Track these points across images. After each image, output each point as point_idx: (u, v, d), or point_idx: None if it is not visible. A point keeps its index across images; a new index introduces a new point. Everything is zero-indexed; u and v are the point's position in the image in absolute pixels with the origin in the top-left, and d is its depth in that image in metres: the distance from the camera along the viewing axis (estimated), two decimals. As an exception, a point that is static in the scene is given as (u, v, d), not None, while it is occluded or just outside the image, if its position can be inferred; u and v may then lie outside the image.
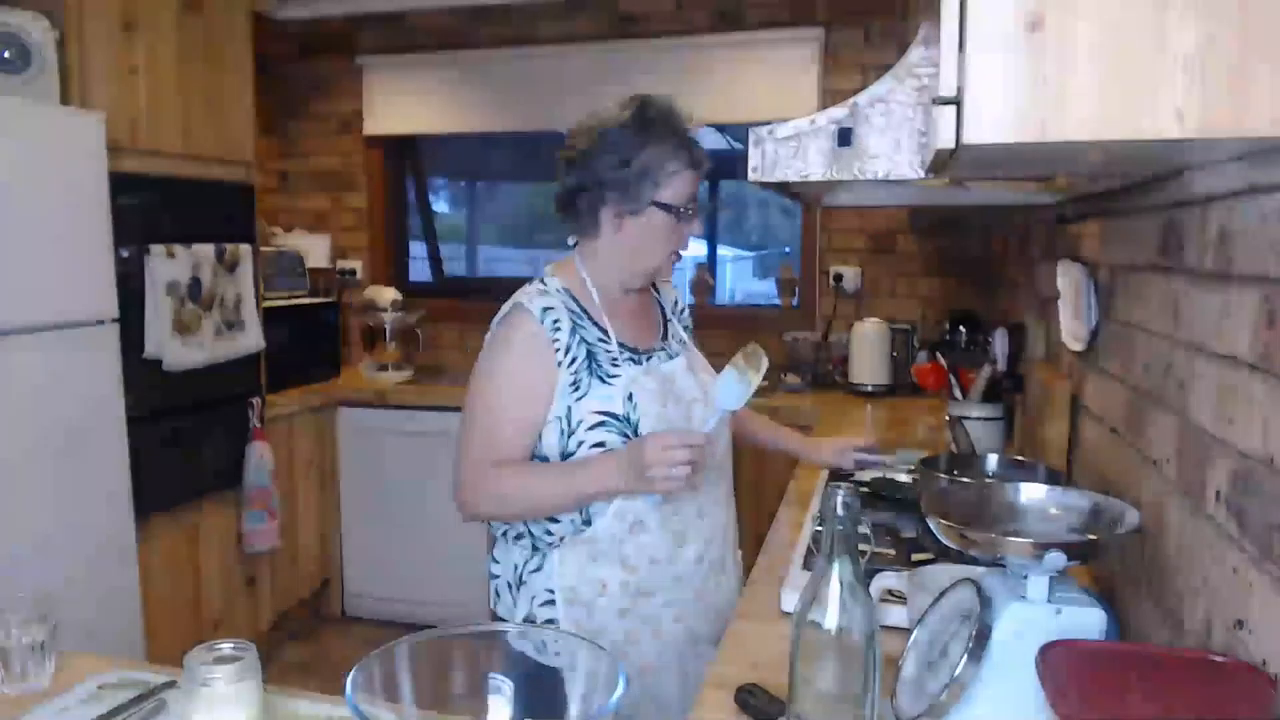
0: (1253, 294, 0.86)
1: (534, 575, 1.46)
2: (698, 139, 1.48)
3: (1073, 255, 1.73)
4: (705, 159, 1.48)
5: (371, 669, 0.86)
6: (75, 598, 2.19)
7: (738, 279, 7.44)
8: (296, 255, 3.64)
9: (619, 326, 1.51)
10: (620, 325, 1.52)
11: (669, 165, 1.44)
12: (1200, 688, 0.80)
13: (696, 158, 1.47)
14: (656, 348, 1.55)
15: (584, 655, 0.89)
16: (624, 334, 1.51)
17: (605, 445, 1.40)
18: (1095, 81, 0.69)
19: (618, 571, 1.42)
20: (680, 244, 1.51)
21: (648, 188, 1.44)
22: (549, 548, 1.45)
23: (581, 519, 1.43)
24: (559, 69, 3.69)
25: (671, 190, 1.45)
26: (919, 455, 1.83)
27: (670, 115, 1.47)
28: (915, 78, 1.09)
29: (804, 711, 0.87)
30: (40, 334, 2.23)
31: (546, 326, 1.43)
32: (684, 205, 1.47)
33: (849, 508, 0.85)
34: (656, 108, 1.47)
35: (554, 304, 1.45)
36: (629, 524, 1.42)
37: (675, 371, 1.54)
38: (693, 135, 1.47)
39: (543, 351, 1.42)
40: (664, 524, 1.43)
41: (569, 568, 1.43)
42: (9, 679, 1.11)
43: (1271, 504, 0.80)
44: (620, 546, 1.42)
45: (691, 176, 1.47)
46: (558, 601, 1.43)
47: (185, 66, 2.79)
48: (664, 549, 1.44)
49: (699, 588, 1.48)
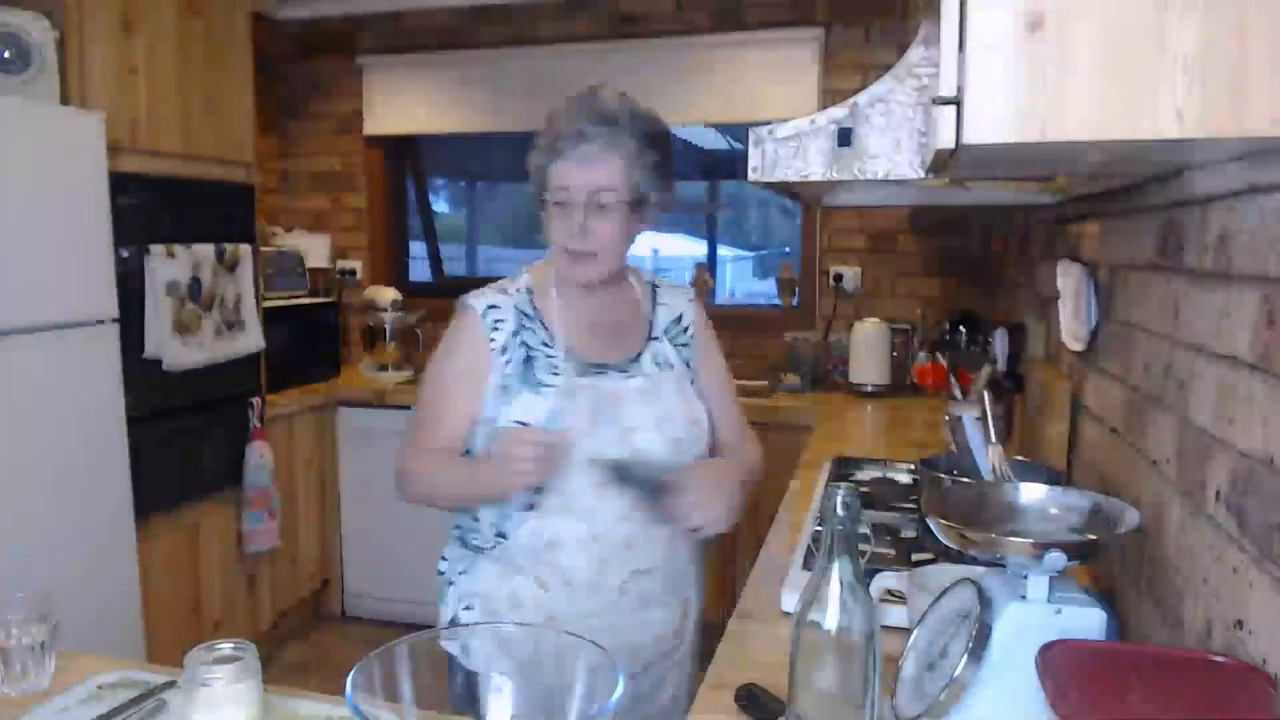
0: (1253, 294, 0.86)
1: (461, 577, 1.48)
2: (593, 127, 1.35)
3: (1073, 255, 1.73)
4: (583, 146, 1.35)
5: (371, 669, 0.86)
6: (75, 598, 2.19)
7: (738, 279, 7.44)
8: (296, 255, 3.64)
9: (575, 334, 1.44)
10: (577, 333, 1.44)
11: (550, 156, 1.38)
12: (1200, 688, 0.80)
13: (560, 148, 1.36)
14: (615, 364, 1.44)
15: (584, 655, 0.89)
16: (578, 342, 1.44)
17: None
18: (1095, 81, 0.69)
19: (532, 588, 1.40)
20: (568, 239, 1.38)
21: (539, 180, 1.41)
22: (476, 552, 1.45)
23: (495, 531, 1.42)
24: (559, 69, 3.69)
25: (553, 181, 1.38)
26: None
27: (568, 106, 1.39)
28: (915, 78, 1.09)
29: (804, 711, 0.87)
30: (40, 334, 2.23)
31: (487, 325, 1.42)
32: (561, 196, 1.37)
33: (849, 508, 0.85)
34: (565, 99, 1.42)
35: (502, 303, 1.44)
36: (544, 541, 1.39)
37: (625, 393, 1.41)
38: (584, 124, 1.35)
39: (477, 348, 1.42)
40: (581, 547, 1.38)
41: (489, 577, 1.43)
42: (9, 679, 1.11)
43: (1271, 504, 0.80)
44: (536, 563, 1.39)
45: (566, 167, 1.36)
46: (475, 607, 1.43)
47: (185, 66, 2.79)
48: (582, 572, 1.38)
49: (617, 621, 1.38)
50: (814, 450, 2.44)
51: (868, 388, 3.33)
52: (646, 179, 1.38)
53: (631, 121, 1.37)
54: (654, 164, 1.39)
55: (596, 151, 1.35)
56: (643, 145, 1.37)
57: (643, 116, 1.40)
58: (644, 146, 1.37)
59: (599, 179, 1.35)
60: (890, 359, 3.35)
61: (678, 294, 1.55)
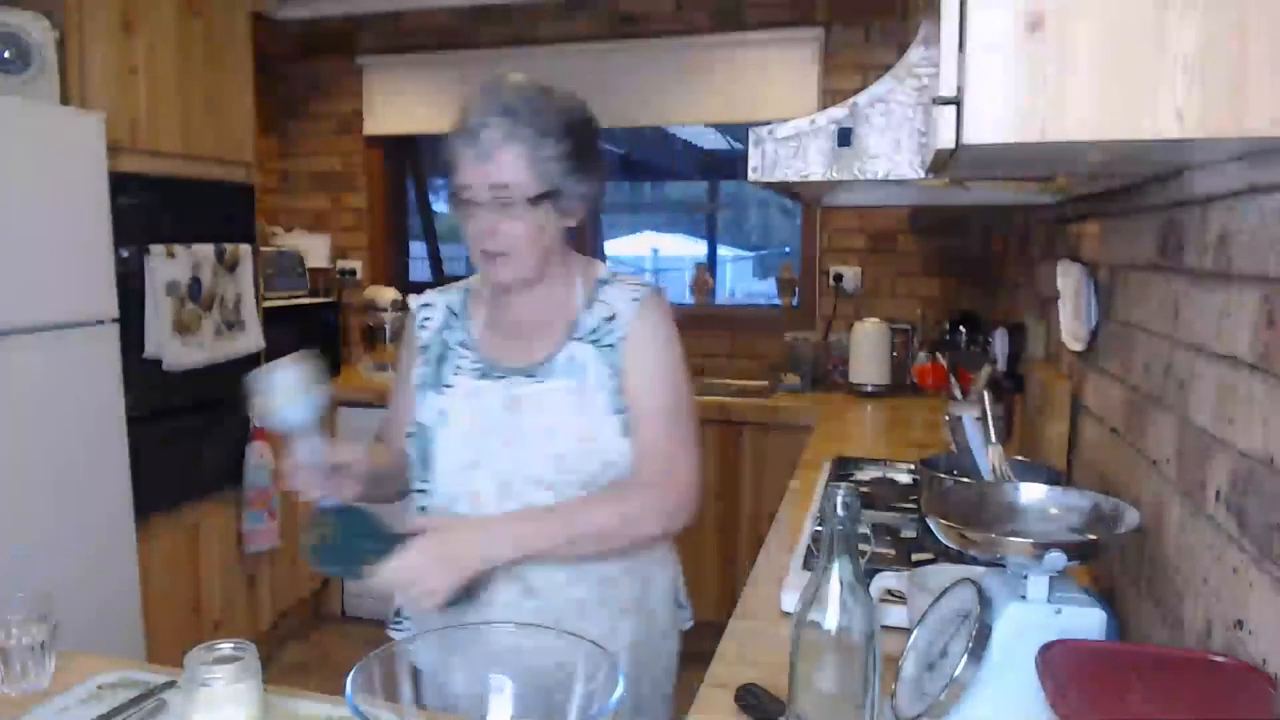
0: (1253, 294, 0.86)
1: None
2: (488, 119, 1.24)
3: (1073, 255, 1.73)
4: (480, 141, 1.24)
5: (371, 669, 0.86)
6: (75, 598, 2.19)
7: (738, 279, 7.45)
8: (296, 255, 3.64)
9: (492, 334, 1.38)
10: (494, 333, 1.38)
11: (452, 153, 1.28)
12: (1200, 688, 0.80)
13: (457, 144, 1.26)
14: (524, 367, 1.32)
15: (584, 655, 0.89)
16: (492, 343, 1.37)
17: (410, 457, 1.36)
18: (1095, 81, 0.69)
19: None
20: (475, 240, 1.28)
21: (450, 179, 1.31)
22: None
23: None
24: (559, 69, 3.69)
25: (456, 180, 1.28)
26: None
27: (470, 98, 1.28)
28: (915, 78, 1.09)
29: (804, 711, 0.87)
30: (40, 334, 2.23)
31: (417, 322, 1.42)
32: (465, 195, 1.27)
33: (849, 508, 0.85)
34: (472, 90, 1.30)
35: (436, 301, 1.43)
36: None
37: (524, 397, 1.30)
38: (480, 117, 1.24)
39: (411, 347, 1.43)
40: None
41: None
42: (9, 679, 1.11)
43: (1271, 504, 0.80)
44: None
45: (465, 164, 1.26)
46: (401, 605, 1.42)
47: (185, 66, 2.79)
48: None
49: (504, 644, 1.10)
50: (814, 450, 2.44)
51: (868, 388, 3.33)
52: (557, 171, 1.26)
53: (531, 110, 1.24)
54: (565, 154, 1.26)
55: (494, 146, 1.23)
56: (547, 135, 1.25)
57: (547, 104, 1.27)
58: (549, 136, 1.25)
59: (498, 175, 1.24)
60: (890, 359, 3.35)
61: (623, 291, 1.35)
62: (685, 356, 1.37)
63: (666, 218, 7.68)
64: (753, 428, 3.15)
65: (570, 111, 1.30)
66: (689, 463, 1.31)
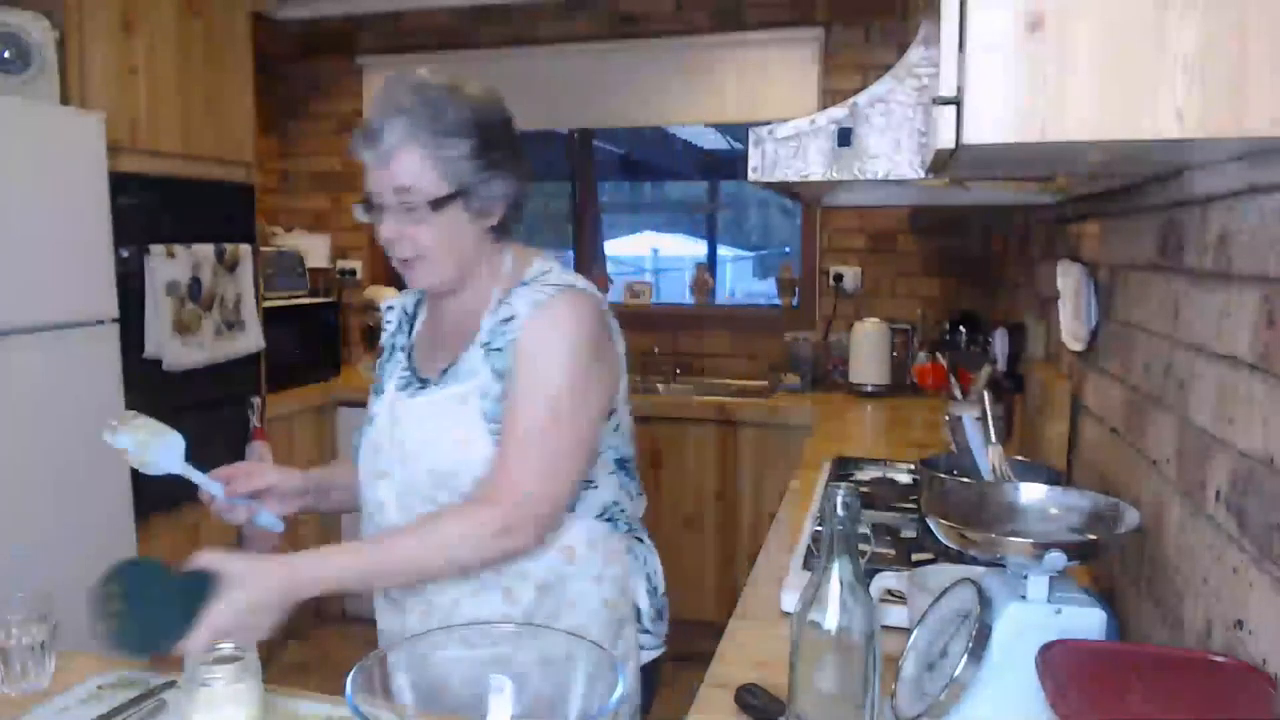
0: (1253, 294, 0.86)
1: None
2: (384, 121, 1.18)
3: (1073, 255, 1.73)
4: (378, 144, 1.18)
5: (371, 669, 0.86)
6: (75, 598, 2.19)
7: (738, 279, 7.46)
8: (296, 255, 3.64)
9: (425, 341, 1.35)
10: (426, 341, 1.35)
11: (357, 158, 1.23)
12: (1200, 688, 0.80)
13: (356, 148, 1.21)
14: (433, 376, 1.29)
15: (584, 655, 0.89)
16: (422, 351, 1.34)
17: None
18: (1095, 81, 0.69)
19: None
20: (388, 246, 1.25)
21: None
22: None
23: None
24: (559, 69, 3.69)
25: (366, 184, 1.24)
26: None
27: (375, 97, 1.22)
28: (915, 78, 1.09)
29: (804, 711, 0.87)
30: (40, 334, 2.23)
31: (383, 324, 1.43)
32: (373, 200, 1.23)
33: (849, 508, 0.85)
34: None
35: (397, 304, 1.43)
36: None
37: (408, 409, 1.27)
38: (376, 119, 1.19)
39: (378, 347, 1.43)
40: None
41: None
42: (9, 679, 1.11)
43: (1271, 504, 0.80)
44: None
45: (368, 168, 1.21)
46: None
47: (185, 66, 2.79)
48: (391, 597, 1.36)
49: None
50: (814, 450, 2.44)
51: (868, 388, 3.33)
52: (465, 170, 1.20)
53: (430, 109, 1.18)
54: (471, 152, 1.20)
55: (392, 148, 1.18)
56: (449, 133, 1.19)
57: (448, 101, 1.20)
58: (451, 134, 1.19)
59: (398, 179, 1.19)
60: (890, 359, 3.35)
61: (532, 293, 1.23)
62: (591, 367, 1.22)
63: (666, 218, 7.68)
64: (753, 428, 3.15)
65: (476, 107, 1.22)
66: (537, 482, 1.17)
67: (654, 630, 1.36)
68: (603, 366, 1.25)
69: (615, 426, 1.32)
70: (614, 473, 1.33)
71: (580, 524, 1.27)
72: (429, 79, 1.21)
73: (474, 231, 1.25)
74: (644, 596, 1.35)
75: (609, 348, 1.28)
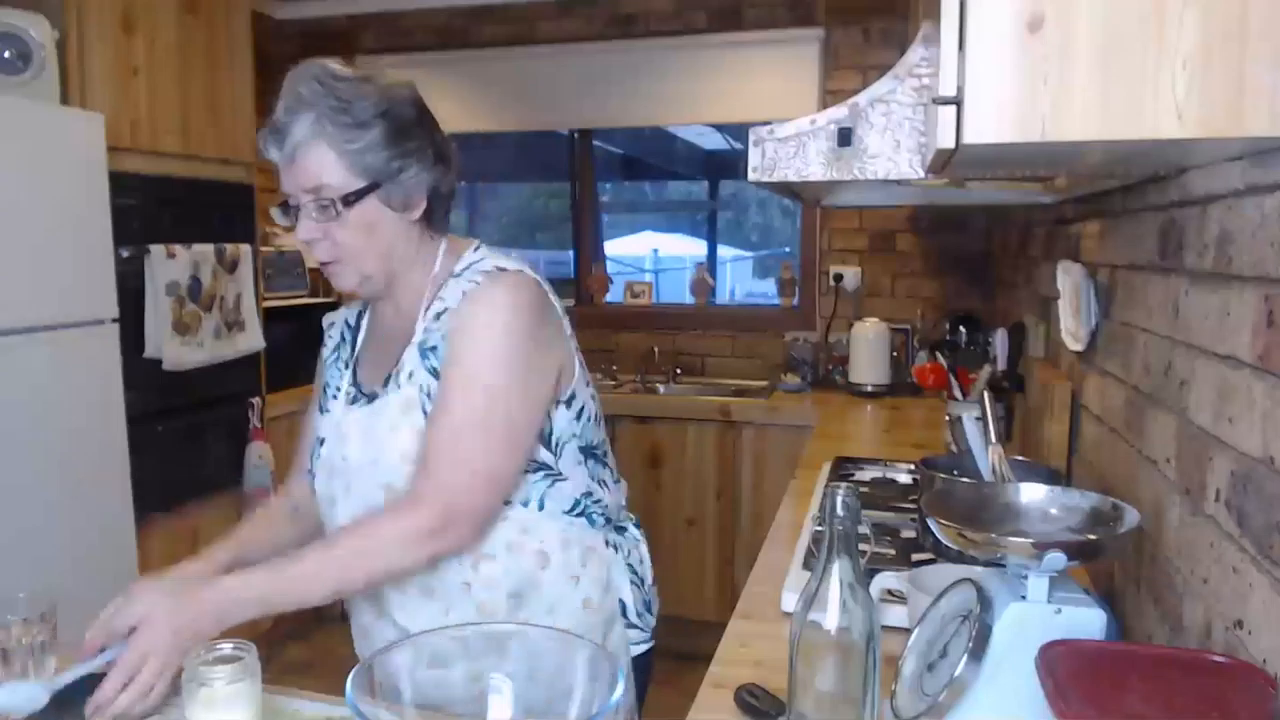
0: (1253, 294, 0.86)
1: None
2: (286, 118, 1.13)
3: (1073, 255, 1.73)
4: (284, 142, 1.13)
5: (371, 669, 0.86)
6: (75, 598, 2.19)
7: (738, 279, 7.45)
8: (296, 255, 3.64)
9: (368, 352, 1.29)
10: (370, 348, 1.29)
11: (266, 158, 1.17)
12: (1200, 688, 0.80)
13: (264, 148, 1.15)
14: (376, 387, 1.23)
15: (584, 655, 0.89)
16: (366, 360, 1.28)
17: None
18: (1095, 81, 0.70)
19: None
20: (307, 249, 1.19)
21: None
22: None
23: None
24: (559, 69, 3.69)
25: (280, 186, 1.17)
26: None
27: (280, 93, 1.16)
28: (915, 78, 1.09)
29: (804, 711, 0.87)
30: (40, 334, 2.23)
31: (325, 340, 1.36)
32: (290, 201, 1.16)
33: (849, 508, 0.85)
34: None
35: (338, 318, 1.36)
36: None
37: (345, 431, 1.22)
38: (278, 116, 1.13)
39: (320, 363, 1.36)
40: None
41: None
42: (9, 679, 1.11)
43: (1271, 504, 0.80)
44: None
45: (279, 168, 1.15)
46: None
47: (185, 66, 2.79)
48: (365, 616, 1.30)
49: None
50: (814, 450, 2.44)
51: (868, 388, 3.33)
52: (377, 161, 1.14)
53: (333, 100, 1.12)
54: (382, 141, 1.14)
55: (296, 145, 1.12)
56: (357, 124, 1.12)
57: (350, 90, 1.14)
58: (359, 125, 1.13)
59: (310, 178, 1.12)
60: (890, 359, 3.35)
61: (461, 283, 1.19)
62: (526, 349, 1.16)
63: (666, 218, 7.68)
64: (753, 428, 3.15)
65: (382, 94, 1.15)
66: (467, 478, 1.12)
67: (641, 624, 1.32)
68: (542, 349, 1.18)
69: (578, 413, 1.24)
70: (581, 463, 1.26)
71: (551, 524, 1.22)
72: (333, 68, 1.15)
73: (398, 226, 1.18)
74: (628, 590, 1.29)
75: (551, 328, 1.20)
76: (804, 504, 1.89)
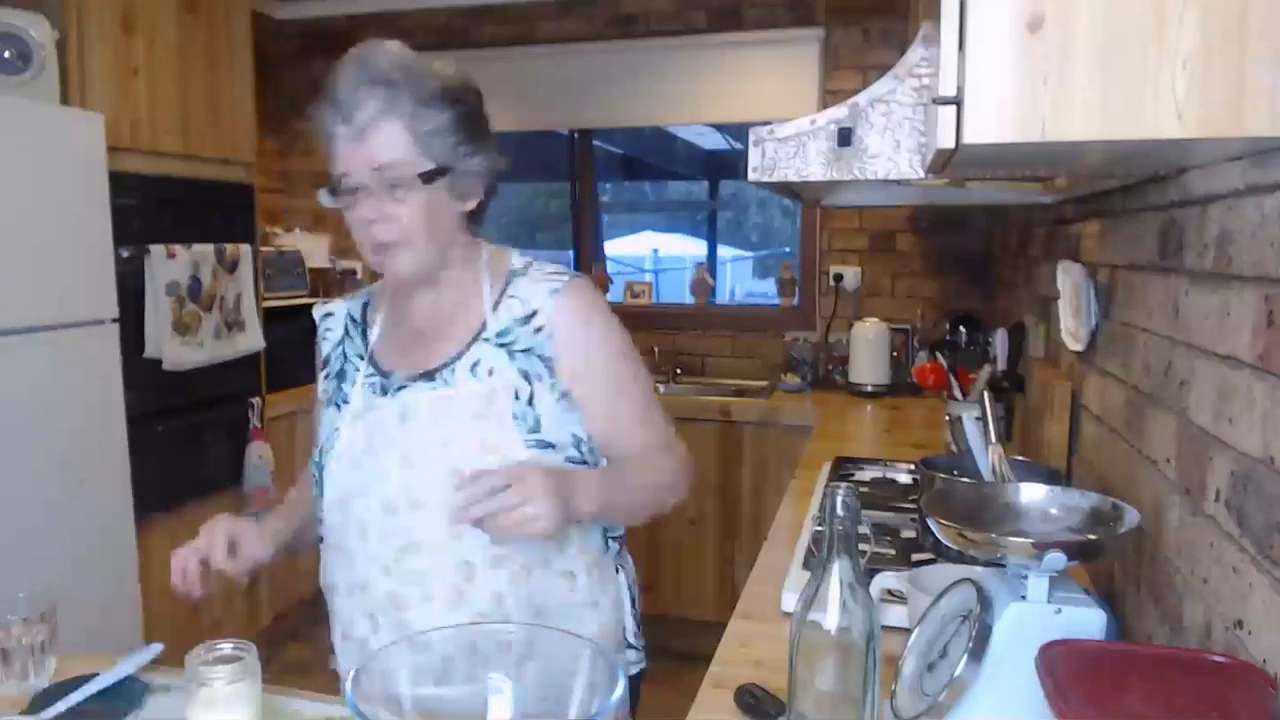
0: (1253, 294, 0.86)
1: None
2: (362, 93, 1.10)
3: (1073, 255, 1.73)
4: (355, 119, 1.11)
5: (371, 669, 0.86)
6: (75, 598, 2.19)
7: (738, 279, 7.46)
8: (296, 255, 3.64)
9: (391, 341, 1.25)
10: (393, 340, 1.25)
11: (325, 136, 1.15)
12: (1200, 688, 0.80)
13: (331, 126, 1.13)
14: (423, 374, 1.19)
15: (584, 655, 0.89)
16: (392, 352, 1.24)
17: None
18: (1095, 81, 0.70)
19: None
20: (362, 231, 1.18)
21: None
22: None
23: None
24: (559, 69, 3.69)
25: (335, 167, 1.16)
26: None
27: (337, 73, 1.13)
28: (915, 78, 1.09)
29: (804, 711, 0.87)
30: (40, 334, 2.23)
31: (320, 335, 1.33)
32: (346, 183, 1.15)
33: (849, 508, 0.85)
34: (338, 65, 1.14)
35: (337, 310, 1.33)
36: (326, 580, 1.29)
37: (419, 405, 1.17)
38: (352, 91, 1.11)
39: (317, 361, 1.33)
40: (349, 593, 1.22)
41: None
42: (9, 679, 1.11)
43: (1271, 504, 0.80)
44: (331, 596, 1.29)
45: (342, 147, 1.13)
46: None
47: (185, 66, 2.79)
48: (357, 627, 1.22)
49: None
50: (814, 450, 2.44)
51: (868, 388, 3.33)
52: (446, 145, 1.14)
53: (409, 79, 1.11)
54: (450, 124, 1.14)
55: (370, 122, 1.10)
56: (429, 104, 1.12)
57: (425, 70, 1.14)
58: (431, 106, 1.12)
59: (380, 155, 1.11)
60: (890, 359, 3.35)
61: (538, 285, 1.20)
62: (629, 342, 1.24)
63: (666, 218, 7.69)
64: (753, 428, 3.15)
65: (451, 78, 1.16)
66: (675, 436, 1.26)
67: (637, 644, 1.32)
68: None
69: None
70: None
71: (579, 542, 1.21)
72: (399, 49, 1.15)
73: (453, 215, 1.19)
74: (629, 617, 1.30)
75: None
76: (804, 504, 1.89)
